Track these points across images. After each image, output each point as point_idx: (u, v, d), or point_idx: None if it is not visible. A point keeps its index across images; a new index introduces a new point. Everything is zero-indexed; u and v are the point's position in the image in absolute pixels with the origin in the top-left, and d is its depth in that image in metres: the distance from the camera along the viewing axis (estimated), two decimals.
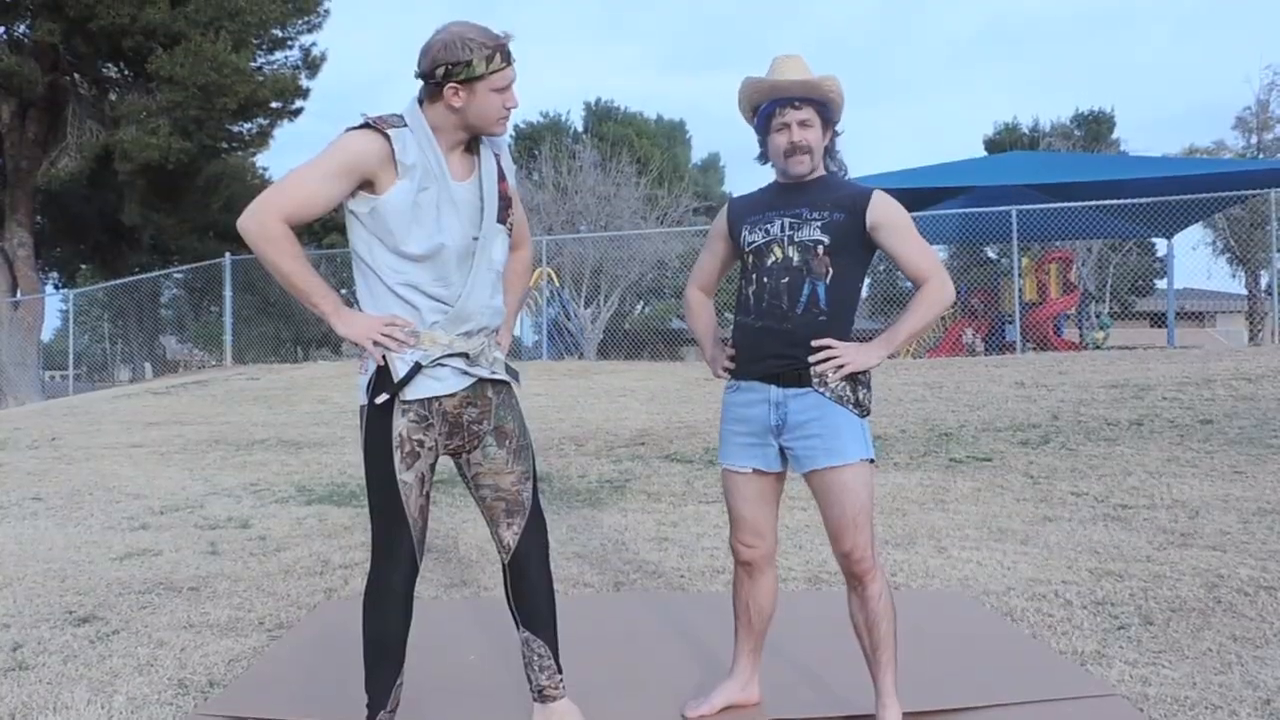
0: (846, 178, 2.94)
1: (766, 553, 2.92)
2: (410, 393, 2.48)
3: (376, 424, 2.50)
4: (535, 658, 2.72)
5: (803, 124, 2.78)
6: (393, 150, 2.43)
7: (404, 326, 2.47)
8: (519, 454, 2.66)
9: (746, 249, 2.86)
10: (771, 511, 2.91)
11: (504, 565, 2.70)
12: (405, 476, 2.49)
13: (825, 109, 2.81)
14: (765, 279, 2.80)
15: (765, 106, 2.81)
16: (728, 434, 2.91)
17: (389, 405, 2.49)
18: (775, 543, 2.94)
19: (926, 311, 2.78)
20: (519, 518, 2.65)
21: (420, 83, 2.51)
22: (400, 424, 2.49)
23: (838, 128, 2.90)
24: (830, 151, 2.89)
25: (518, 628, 2.73)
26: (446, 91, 2.45)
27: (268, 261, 2.44)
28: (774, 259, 2.80)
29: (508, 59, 2.47)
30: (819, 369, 2.71)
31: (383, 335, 2.46)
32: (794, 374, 2.75)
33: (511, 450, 2.65)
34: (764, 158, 2.90)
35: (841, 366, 2.70)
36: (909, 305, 2.82)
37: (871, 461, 2.77)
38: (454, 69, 2.42)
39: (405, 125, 2.48)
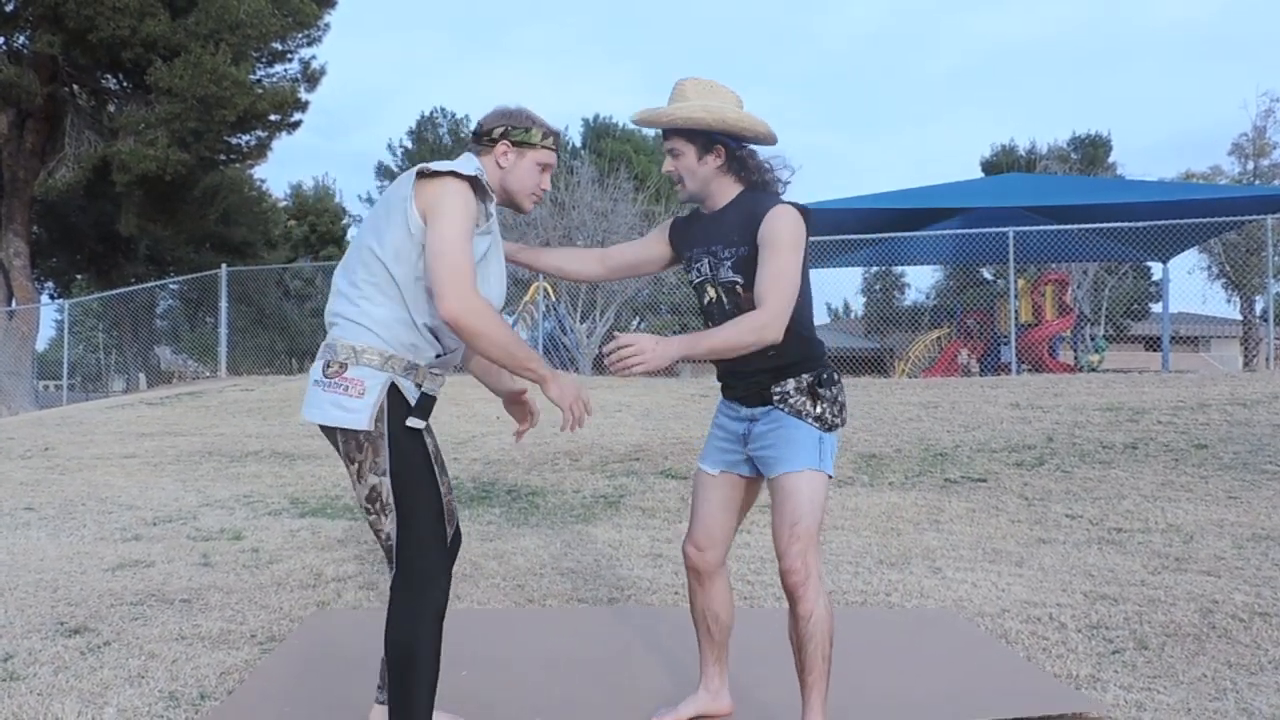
0: (773, 191, 2.84)
1: (715, 561, 2.95)
2: (423, 419, 2.60)
3: (411, 446, 2.54)
4: None
5: (671, 153, 2.83)
6: (486, 209, 2.57)
7: (585, 412, 2.57)
8: None
9: (689, 285, 2.96)
10: (730, 521, 2.96)
11: None
12: (444, 492, 2.61)
13: (697, 135, 2.77)
14: (710, 323, 2.86)
15: None
16: (710, 437, 3.02)
17: (415, 428, 2.56)
18: (725, 553, 2.99)
19: (736, 333, 2.61)
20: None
21: (473, 142, 2.69)
22: (430, 443, 2.61)
23: (734, 142, 2.79)
24: (741, 165, 2.82)
25: None
26: (499, 147, 2.64)
27: (486, 336, 2.44)
28: (709, 299, 2.86)
29: (557, 147, 2.69)
30: (612, 364, 2.50)
31: (581, 405, 2.55)
32: (757, 395, 2.83)
33: None
34: None
35: (640, 363, 2.48)
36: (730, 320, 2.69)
37: (827, 475, 2.74)
38: (514, 130, 2.64)
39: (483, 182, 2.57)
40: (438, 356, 2.59)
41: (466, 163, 2.61)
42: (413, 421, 2.54)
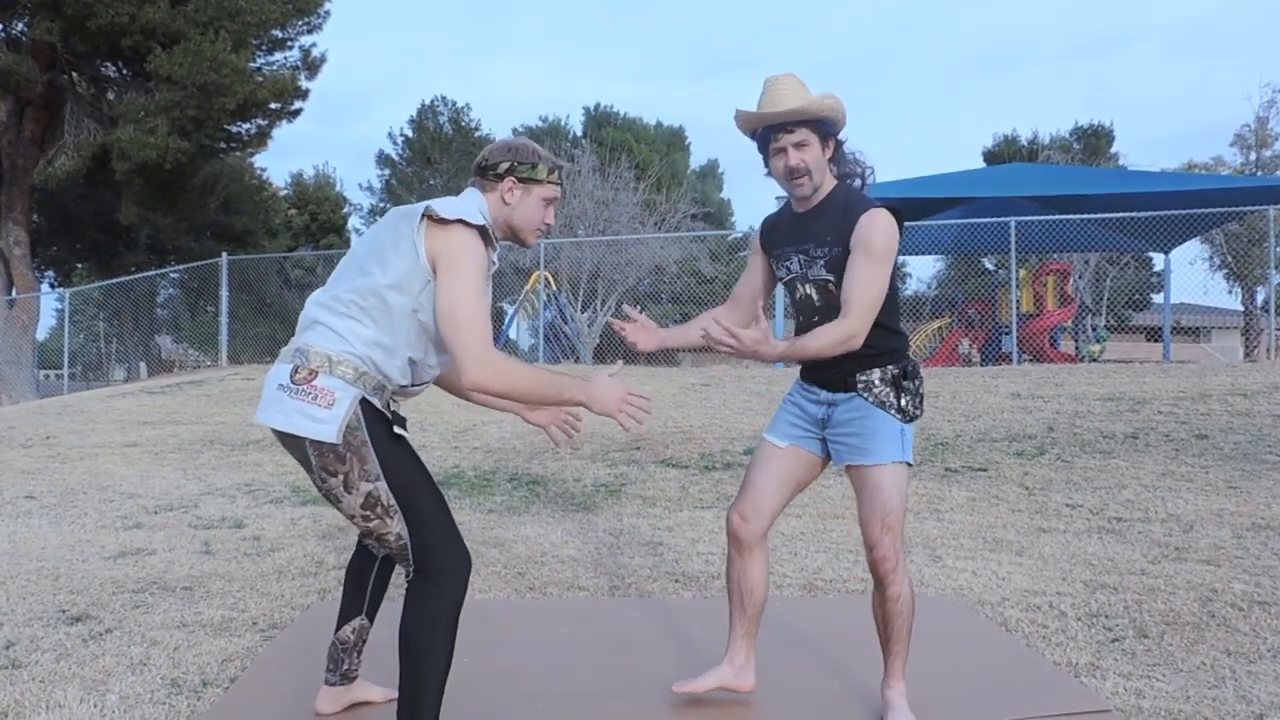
0: (863, 186, 2.94)
1: (757, 532, 2.98)
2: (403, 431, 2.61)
3: (396, 446, 2.54)
4: (361, 644, 2.98)
5: (798, 146, 2.80)
6: (491, 257, 2.57)
7: (641, 400, 2.55)
8: None
9: (781, 281, 3.02)
10: (782, 496, 2.99)
11: (380, 560, 2.96)
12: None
13: (821, 125, 2.81)
14: (800, 317, 2.93)
15: (761, 132, 2.86)
16: (782, 411, 3.05)
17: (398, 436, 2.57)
18: (768, 526, 3.01)
19: (826, 343, 2.70)
20: None
21: (477, 177, 2.66)
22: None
23: (841, 136, 2.90)
24: (839, 159, 2.90)
25: (362, 616, 2.95)
26: (504, 184, 2.62)
27: (515, 392, 2.46)
28: (800, 294, 2.93)
29: (561, 180, 2.69)
30: (715, 341, 2.62)
31: (630, 406, 2.54)
32: (841, 381, 2.87)
33: None
34: (770, 174, 2.94)
35: (732, 345, 2.60)
36: (821, 326, 2.77)
37: (908, 465, 2.85)
38: (520, 166, 2.61)
39: (490, 228, 2.56)
40: (404, 386, 2.59)
41: (471, 202, 2.58)
42: (396, 429, 2.55)
